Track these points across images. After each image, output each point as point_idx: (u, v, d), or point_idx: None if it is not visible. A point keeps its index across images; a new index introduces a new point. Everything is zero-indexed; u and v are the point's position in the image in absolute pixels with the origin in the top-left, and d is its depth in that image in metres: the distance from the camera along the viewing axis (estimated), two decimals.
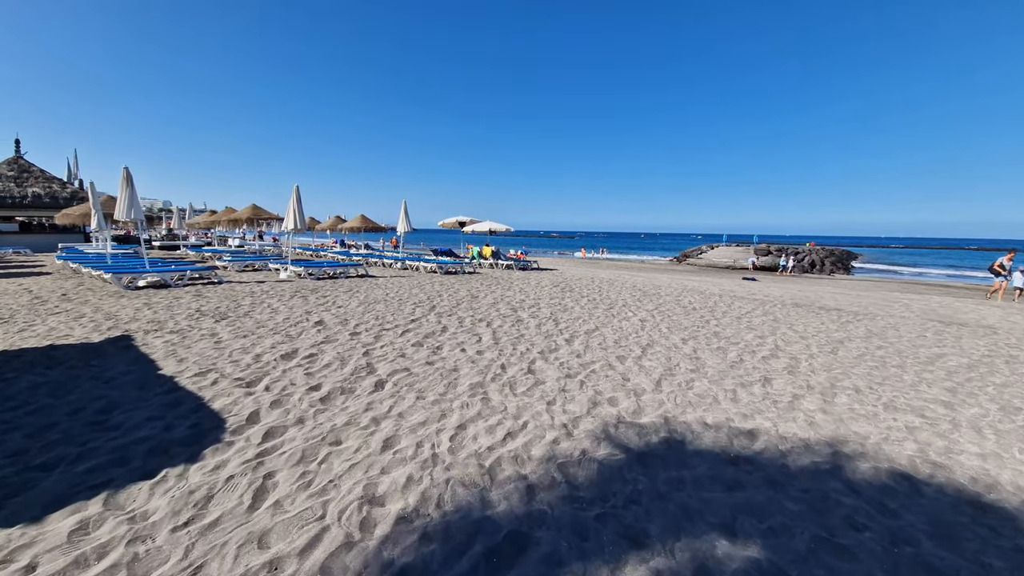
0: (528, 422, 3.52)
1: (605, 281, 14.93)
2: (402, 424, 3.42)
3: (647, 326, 7.29)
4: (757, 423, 3.64)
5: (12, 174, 21.50)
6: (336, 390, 4.06)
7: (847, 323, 8.21)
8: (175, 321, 6.62)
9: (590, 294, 11.13)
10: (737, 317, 8.41)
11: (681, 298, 10.97)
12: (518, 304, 9.08)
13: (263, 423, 3.36)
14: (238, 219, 16.12)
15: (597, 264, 32.37)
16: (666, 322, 7.69)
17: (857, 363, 5.56)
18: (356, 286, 11.05)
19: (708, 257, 41.94)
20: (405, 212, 17.91)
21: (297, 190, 12.75)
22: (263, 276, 12.69)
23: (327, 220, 23.59)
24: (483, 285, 12.18)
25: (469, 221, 22.15)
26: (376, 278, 13.11)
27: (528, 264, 19.42)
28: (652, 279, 17.34)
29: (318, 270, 12.66)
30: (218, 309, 7.58)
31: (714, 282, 17.63)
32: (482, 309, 8.34)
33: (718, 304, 10.11)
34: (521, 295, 10.47)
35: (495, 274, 15.90)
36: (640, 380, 4.59)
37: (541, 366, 4.97)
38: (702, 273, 26.73)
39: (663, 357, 5.47)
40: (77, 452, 2.96)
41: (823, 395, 4.38)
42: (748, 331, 7.18)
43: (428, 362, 4.98)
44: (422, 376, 4.51)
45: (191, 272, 10.92)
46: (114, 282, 9.97)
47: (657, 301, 10.22)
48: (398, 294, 9.91)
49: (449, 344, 5.76)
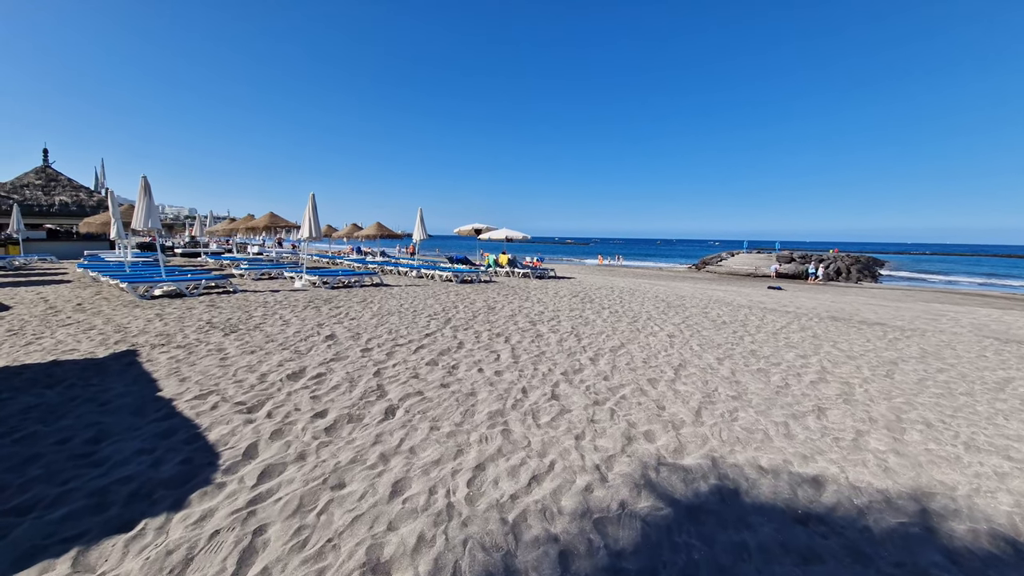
0: (555, 461, 3.10)
1: (625, 291, 14.40)
2: (414, 462, 3.04)
3: (676, 343, 6.80)
4: (821, 467, 3.15)
5: (40, 183, 22.09)
6: (343, 418, 3.71)
7: (896, 340, 7.56)
8: (184, 334, 6.40)
9: (611, 305, 10.65)
10: (773, 333, 7.83)
11: (708, 310, 10.40)
12: (537, 317, 8.67)
13: (260, 459, 3.02)
14: (256, 227, 16.16)
15: (614, 272, 31.76)
16: (696, 338, 7.17)
17: (919, 389, 4.98)
18: (370, 296, 10.80)
19: (728, 264, 40.86)
20: (421, 220, 17.73)
21: (313, 198, 12.62)
22: (278, 284, 12.56)
23: (344, 227, 23.61)
24: (500, 295, 11.81)
25: (485, 228, 21.88)
26: (391, 287, 12.86)
27: (545, 272, 19.00)
28: (674, 288, 16.73)
29: (333, 279, 12.48)
30: (229, 321, 7.37)
31: (739, 291, 16.92)
32: (499, 322, 7.96)
33: (749, 317, 9.52)
34: (539, 306, 10.06)
35: (512, 283, 15.53)
36: (677, 409, 4.13)
37: (565, 390, 4.54)
38: (724, 281, 25.90)
39: (699, 380, 4.99)
40: (56, 494, 2.66)
41: (890, 431, 3.84)
42: (788, 349, 6.62)
43: (443, 384, 4.60)
44: (436, 401, 4.13)
45: (206, 281, 10.82)
46: (130, 291, 9.91)
47: (683, 314, 9.68)
48: (412, 305, 9.60)
49: (465, 363, 5.37)
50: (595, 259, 53.14)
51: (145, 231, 13.24)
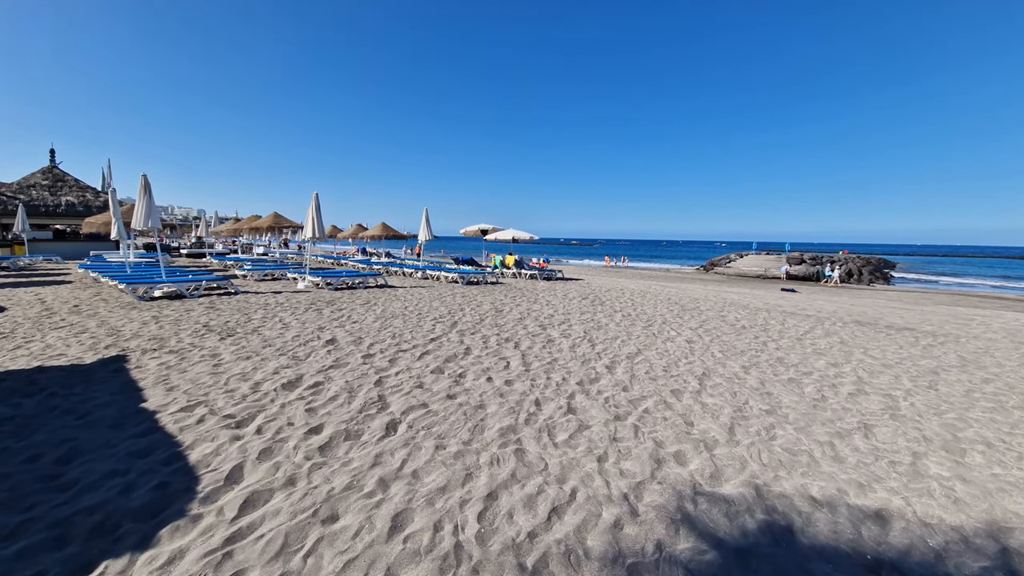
0: (577, 489, 2.74)
1: (636, 293, 13.99)
2: (417, 489, 2.69)
3: (696, 349, 6.40)
4: (883, 499, 2.76)
5: (47, 183, 22.06)
6: (340, 434, 3.37)
7: (930, 347, 7.11)
8: (178, 338, 6.10)
9: (623, 308, 10.25)
10: (797, 338, 7.40)
11: (725, 314, 9.97)
12: (547, 320, 8.30)
13: (244, 484, 2.69)
14: (260, 227, 15.94)
15: (621, 273, 31.31)
16: (717, 344, 6.77)
17: (969, 403, 4.56)
18: (374, 298, 10.49)
19: (737, 266, 40.21)
20: (427, 220, 17.43)
21: (316, 198, 12.35)
22: (281, 286, 12.29)
23: (349, 228, 23.40)
24: (507, 297, 11.46)
25: (491, 229, 21.55)
26: (395, 288, 12.55)
27: (552, 274, 18.62)
28: (686, 290, 16.29)
29: (336, 280, 12.19)
30: (227, 324, 7.07)
31: (753, 294, 16.44)
32: (508, 326, 7.60)
33: (769, 321, 9.09)
34: (549, 309, 9.69)
35: (519, 284, 15.17)
36: (707, 425, 3.74)
37: (582, 402, 4.17)
38: (735, 283, 25.37)
39: (727, 392, 4.60)
40: (16, 523, 2.34)
41: (948, 452, 3.44)
42: (817, 356, 6.20)
43: (449, 395, 4.25)
44: (442, 415, 3.78)
45: (207, 282, 10.57)
46: (128, 293, 9.68)
47: (699, 317, 9.27)
48: (417, 307, 9.27)
49: (473, 371, 5.02)
50: (601, 260, 52.65)
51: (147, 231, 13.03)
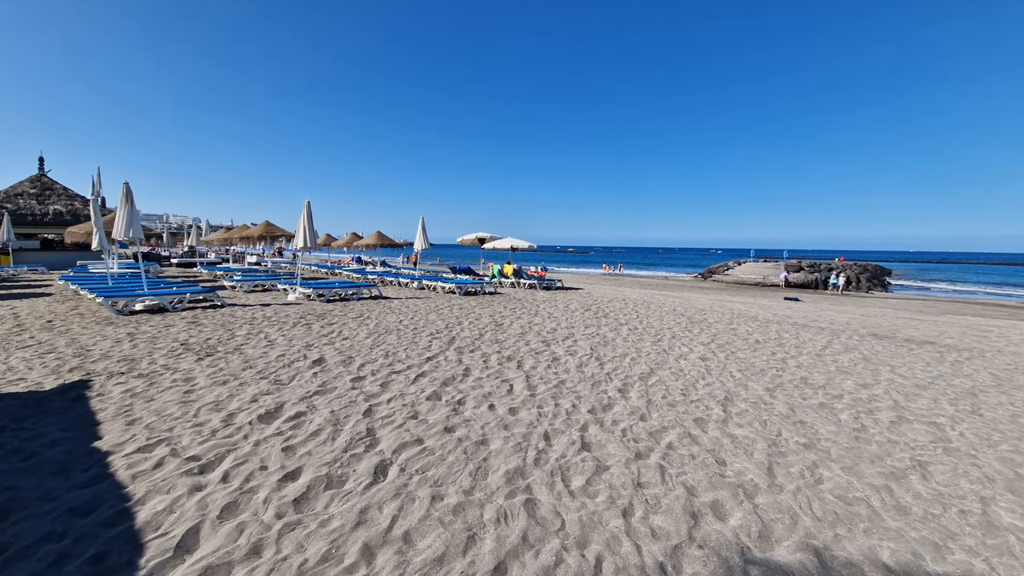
0: (603, 558, 2.27)
1: (640, 303, 13.58)
2: (409, 560, 2.22)
3: (713, 368, 5.96)
4: (963, 563, 2.31)
5: (35, 192, 21.55)
6: (320, 481, 2.89)
7: (958, 364, 6.70)
8: (151, 359, 5.61)
9: (629, 321, 9.83)
10: (816, 354, 6.98)
11: (736, 326, 9.56)
12: (550, 335, 7.85)
13: (198, 556, 2.20)
14: (251, 236, 15.47)
15: (620, 281, 30.97)
16: (733, 361, 6.34)
17: (1019, 431, 4.13)
18: (368, 310, 10.02)
19: (735, 273, 40.01)
20: (423, 228, 17.02)
21: (308, 206, 11.92)
22: (271, 297, 11.80)
23: (343, 237, 22.95)
24: (507, 309, 11.01)
25: (489, 238, 21.16)
26: (391, 300, 12.09)
27: (552, 283, 18.20)
28: (689, 300, 15.89)
29: (328, 291, 11.71)
30: (208, 342, 6.58)
31: (758, 303, 16.07)
32: (509, 342, 7.14)
33: (782, 335, 8.67)
34: (551, 322, 9.24)
35: (518, 295, 14.74)
36: (742, 464, 3.29)
37: (597, 436, 3.72)
38: (735, 292, 25.04)
39: (755, 421, 4.15)
40: None
41: (1015, 494, 3.00)
42: (843, 376, 5.78)
43: (447, 428, 3.78)
44: (439, 454, 3.31)
45: (191, 295, 10.06)
46: (107, 307, 9.17)
47: (709, 331, 8.84)
48: (413, 321, 8.81)
49: (473, 396, 4.56)
50: (599, 268, 52.37)
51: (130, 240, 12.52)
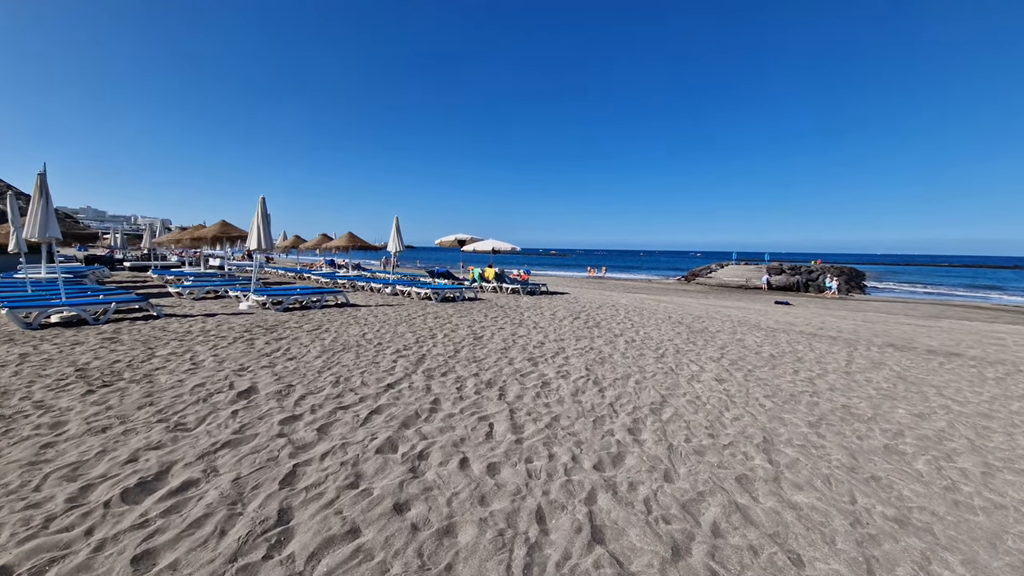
0: None
1: (631, 309, 12.64)
2: None
3: (735, 394, 4.97)
4: None
5: None
6: None
7: (1002, 381, 5.89)
8: (26, 392, 4.28)
9: (624, 331, 8.83)
10: (844, 372, 6.08)
11: (741, 337, 8.66)
12: (536, 350, 6.77)
13: None
14: (203, 237, 13.94)
15: (605, 284, 30.21)
16: (755, 383, 5.36)
17: None
18: (328, 321, 8.75)
19: (718, 276, 39.84)
20: (397, 229, 15.78)
21: (263, 203, 10.57)
22: (221, 306, 10.39)
23: (313, 239, 21.43)
24: (488, 318, 9.88)
25: (469, 239, 20.03)
26: (358, 308, 10.81)
27: (536, 287, 17.14)
28: (682, 306, 15.07)
29: (286, 298, 10.35)
30: (113, 366, 5.25)
31: (752, 308, 15.36)
32: (489, 360, 6.02)
33: (795, 346, 7.80)
34: (538, 334, 8.16)
35: (500, 301, 13.62)
36: (828, 565, 2.26)
37: (610, 511, 2.63)
38: (720, 295, 24.50)
39: (815, 478, 3.13)
40: None
41: None
42: (888, 402, 4.85)
43: (398, 504, 2.64)
44: (379, 560, 2.17)
45: (117, 304, 8.60)
46: (14, 320, 7.66)
47: (715, 343, 7.91)
48: (378, 334, 7.60)
49: (440, 445, 3.42)
50: (582, 271, 51.69)
51: (42, 241, 10.89)
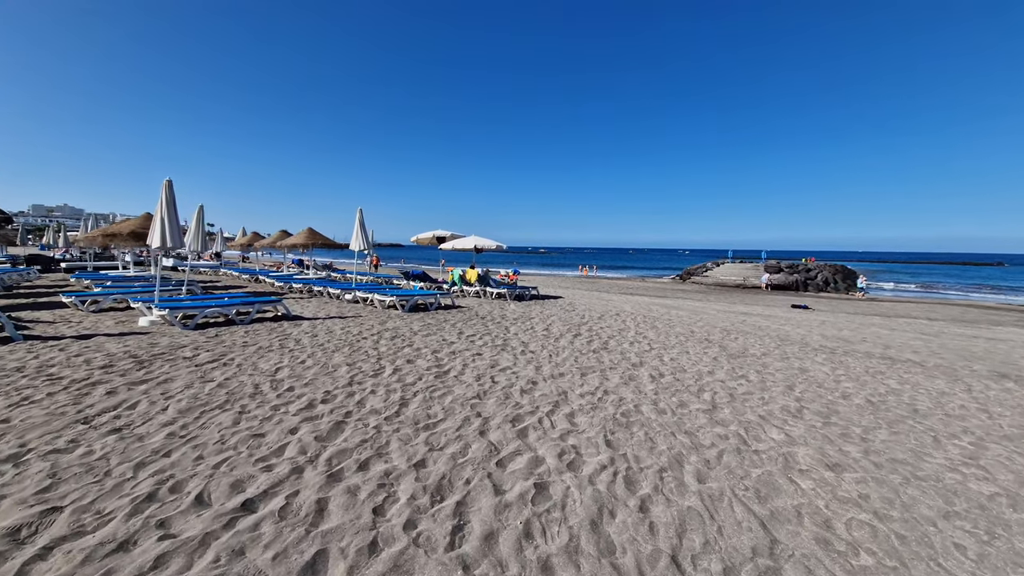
0: None
1: (640, 318, 10.52)
2: None
3: (885, 509, 2.83)
4: None
5: None
6: None
7: None
8: None
9: (642, 356, 6.67)
10: (1003, 436, 4.01)
11: (800, 363, 6.57)
12: (525, 398, 4.56)
13: None
14: (118, 233, 11.44)
15: (598, 284, 28.17)
16: (892, 470, 3.23)
17: None
18: (243, 345, 6.41)
19: (715, 275, 38.22)
20: (361, 224, 13.38)
21: (167, 188, 8.14)
22: (120, 320, 7.96)
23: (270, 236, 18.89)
24: (462, 337, 7.65)
25: (449, 236, 17.75)
26: (300, 322, 8.48)
27: (525, 291, 14.91)
28: (694, 312, 13.01)
29: (199, 312, 7.95)
30: None
31: (776, 315, 13.38)
32: (449, 428, 3.78)
33: (886, 381, 5.74)
34: (527, 365, 5.95)
35: (482, 309, 11.38)
36: None
37: None
38: (723, 295, 22.61)
39: None
40: None
41: None
42: None
43: None
44: None
45: None
46: None
47: (772, 376, 5.80)
48: (299, 370, 5.30)
49: None
50: (573, 270, 49.70)
51: None
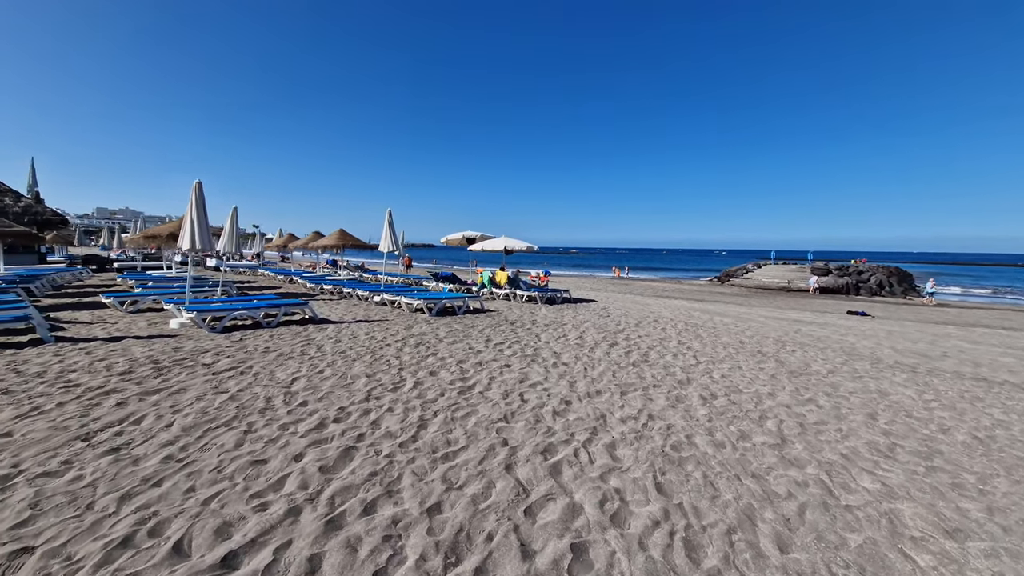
0: None
1: (681, 326, 9.74)
2: None
3: None
4: None
5: None
6: None
7: None
8: None
9: (689, 372, 5.99)
10: None
11: (876, 384, 5.71)
12: (558, 422, 4.02)
13: None
14: (157, 235, 11.73)
15: (632, 287, 27.16)
16: None
17: None
18: (265, 350, 6.19)
19: (756, 277, 36.17)
20: (390, 225, 13.21)
21: (197, 189, 8.10)
22: (154, 322, 8.00)
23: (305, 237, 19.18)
24: (490, 346, 7.18)
25: (479, 237, 17.40)
26: (325, 326, 8.27)
27: (556, 294, 14.32)
28: (740, 318, 12.03)
29: (227, 315, 7.87)
30: None
31: (832, 324, 12.20)
32: (471, 460, 3.29)
33: (988, 411, 4.85)
34: (560, 381, 5.41)
35: (512, 313, 10.90)
36: None
37: None
38: (767, 299, 21.17)
39: None
40: None
41: None
42: None
43: None
44: None
45: None
46: None
47: (844, 400, 5.00)
48: (316, 381, 4.97)
49: None
50: (605, 271, 48.55)
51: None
